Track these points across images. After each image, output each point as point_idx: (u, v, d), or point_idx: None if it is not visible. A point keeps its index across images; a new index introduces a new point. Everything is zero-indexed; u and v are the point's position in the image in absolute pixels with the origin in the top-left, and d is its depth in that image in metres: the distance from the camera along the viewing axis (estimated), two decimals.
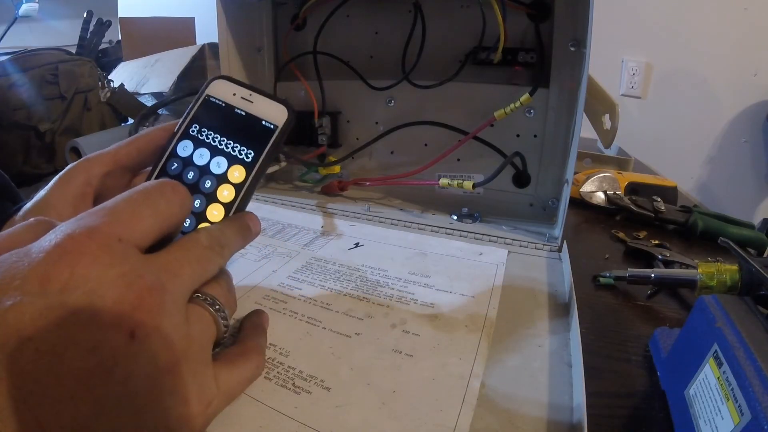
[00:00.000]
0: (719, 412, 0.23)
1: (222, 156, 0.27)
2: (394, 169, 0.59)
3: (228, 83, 0.28)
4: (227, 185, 0.27)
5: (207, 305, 0.22)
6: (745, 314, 0.26)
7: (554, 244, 0.47)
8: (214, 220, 0.26)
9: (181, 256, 0.21)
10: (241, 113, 0.28)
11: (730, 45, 1.38)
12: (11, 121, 0.71)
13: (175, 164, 0.27)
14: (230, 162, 0.27)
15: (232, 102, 0.28)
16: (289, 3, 0.63)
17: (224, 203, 0.26)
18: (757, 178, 1.50)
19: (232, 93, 0.28)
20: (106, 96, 0.79)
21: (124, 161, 0.28)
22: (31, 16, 1.27)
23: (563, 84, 0.50)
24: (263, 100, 0.28)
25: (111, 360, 0.16)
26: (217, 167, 0.27)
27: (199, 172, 0.27)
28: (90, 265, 0.17)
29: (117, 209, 0.19)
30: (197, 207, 0.26)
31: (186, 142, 0.28)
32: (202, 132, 0.28)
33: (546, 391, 0.27)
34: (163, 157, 0.28)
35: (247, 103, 0.28)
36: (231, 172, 0.27)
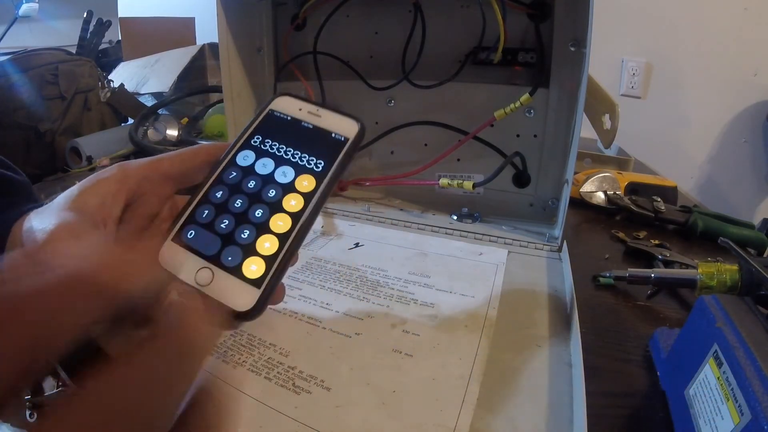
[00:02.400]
0: (719, 412, 0.23)
1: (288, 166, 0.25)
2: (394, 169, 0.59)
3: (293, 99, 0.27)
4: (295, 195, 0.24)
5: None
6: (745, 314, 0.26)
7: (554, 244, 0.47)
8: (279, 230, 0.23)
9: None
10: (309, 126, 0.26)
11: (730, 45, 1.38)
12: (11, 121, 0.71)
13: (233, 173, 0.25)
14: (298, 171, 0.25)
15: (299, 116, 0.26)
16: (289, 3, 0.63)
17: (291, 213, 0.24)
18: (757, 178, 1.50)
19: (298, 108, 0.27)
20: (106, 96, 0.79)
21: (165, 168, 0.26)
22: (31, 16, 1.27)
23: (563, 84, 0.50)
24: (331, 115, 0.26)
25: None
26: (283, 176, 0.25)
27: (262, 181, 0.25)
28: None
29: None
30: (259, 217, 0.24)
31: (247, 152, 0.25)
32: (265, 143, 0.26)
33: (546, 391, 0.27)
34: (219, 165, 0.25)
35: (314, 117, 0.26)
36: (299, 181, 0.24)
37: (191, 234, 0.24)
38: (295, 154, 0.25)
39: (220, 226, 0.24)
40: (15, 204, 0.27)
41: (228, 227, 0.24)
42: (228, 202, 0.24)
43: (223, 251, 0.23)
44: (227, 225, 0.24)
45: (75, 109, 0.80)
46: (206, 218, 0.24)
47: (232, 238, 0.23)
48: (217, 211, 0.24)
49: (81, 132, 0.79)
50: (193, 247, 0.23)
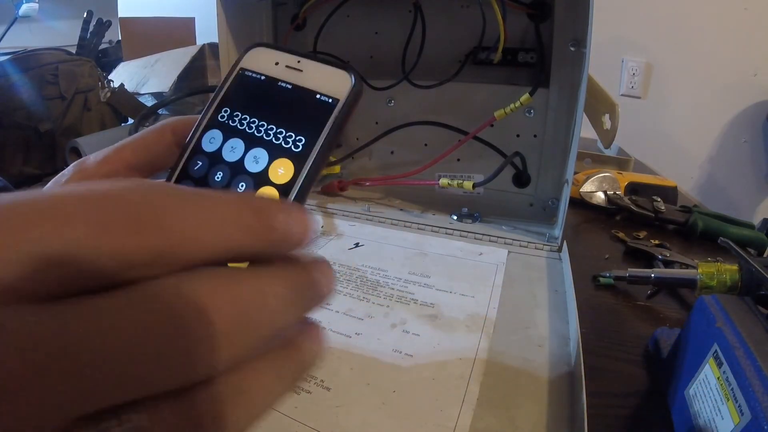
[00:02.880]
0: (719, 412, 0.23)
1: (261, 147, 0.20)
2: (394, 169, 0.59)
3: (268, 50, 0.21)
4: (269, 188, 0.19)
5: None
6: (745, 314, 0.26)
7: (554, 244, 0.47)
8: None
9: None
10: (287, 86, 0.21)
11: (730, 45, 1.38)
12: (11, 121, 0.71)
13: (199, 162, 0.21)
14: (272, 155, 0.20)
15: (275, 73, 0.21)
16: (289, 3, 0.63)
17: None
18: (757, 178, 1.50)
19: (274, 62, 0.21)
20: (106, 96, 0.79)
21: (129, 160, 0.22)
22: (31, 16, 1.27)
23: (563, 84, 0.50)
24: (316, 67, 0.21)
25: None
26: (254, 163, 0.20)
27: (230, 171, 0.20)
28: None
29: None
30: None
31: (214, 132, 0.21)
32: (234, 117, 0.21)
33: (546, 391, 0.27)
34: (184, 154, 0.21)
35: (294, 73, 0.21)
36: (273, 169, 0.19)
37: None
38: (269, 129, 0.20)
39: None
40: None
41: None
42: None
43: None
44: None
45: (75, 109, 0.80)
46: None
47: None
48: None
49: (81, 132, 0.79)
50: None
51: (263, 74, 0.21)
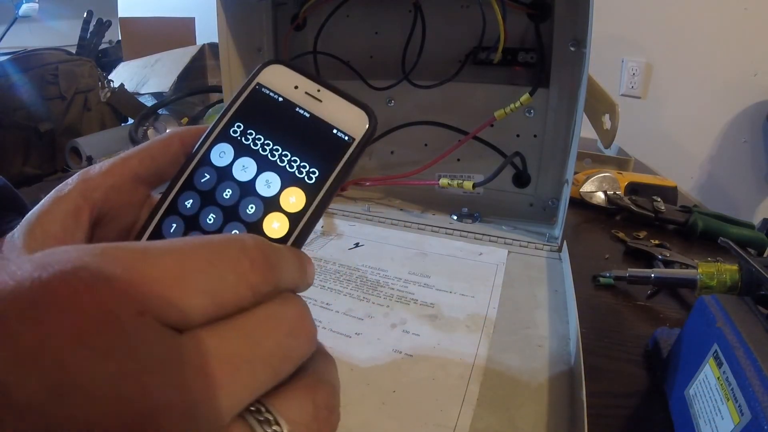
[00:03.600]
0: (719, 412, 0.23)
1: (274, 172, 0.19)
2: (394, 169, 0.59)
3: (288, 71, 0.21)
4: (279, 215, 0.19)
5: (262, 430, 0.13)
6: (745, 314, 0.26)
7: (554, 244, 0.47)
8: None
9: (240, 348, 0.13)
10: (305, 114, 0.20)
11: (730, 45, 1.38)
12: (11, 121, 0.71)
13: (206, 175, 0.20)
14: (285, 182, 0.19)
15: (294, 98, 0.20)
16: (289, 3, 0.63)
17: (273, 239, 0.19)
18: (757, 178, 1.50)
19: (294, 85, 0.20)
20: (106, 96, 0.79)
21: (135, 170, 0.21)
22: (31, 16, 1.27)
23: (563, 84, 0.50)
24: (336, 101, 0.20)
25: None
26: (266, 187, 0.19)
27: (240, 190, 0.19)
28: (70, 341, 0.10)
29: (159, 260, 0.12)
30: None
31: (224, 146, 0.20)
32: (247, 135, 0.20)
33: (546, 391, 0.27)
34: (190, 163, 0.20)
35: (313, 102, 0.20)
36: (285, 196, 0.19)
37: None
38: (284, 154, 0.20)
39: None
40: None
41: None
42: (199, 217, 0.19)
43: None
44: None
45: (75, 109, 0.80)
46: (174, 234, 0.20)
47: None
48: (187, 226, 0.19)
49: (81, 132, 0.79)
50: None
51: (281, 95, 0.20)
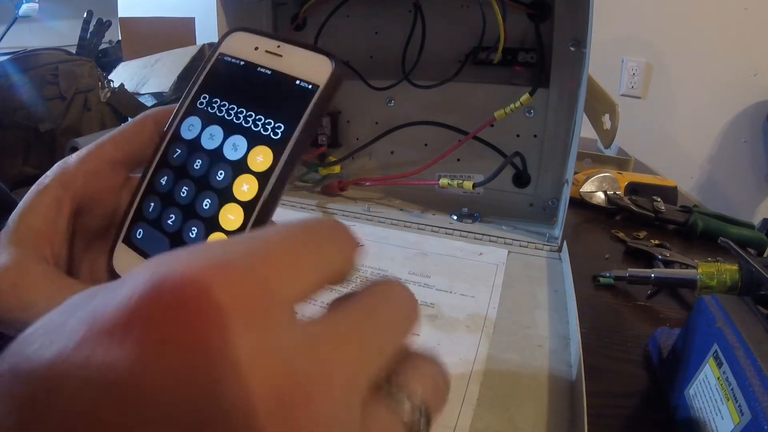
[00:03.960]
0: (719, 412, 0.23)
1: (240, 134, 0.20)
2: (394, 169, 0.59)
3: (248, 35, 0.21)
4: (248, 176, 0.19)
5: (396, 403, 0.13)
6: (745, 314, 0.26)
7: (554, 244, 0.47)
8: (230, 227, 0.19)
9: (361, 322, 0.13)
10: (266, 72, 0.20)
11: (730, 45, 1.38)
12: (11, 121, 0.71)
13: (178, 150, 0.20)
14: (251, 141, 0.19)
15: (254, 59, 0.20)
16: (289, 3, 0.63)
17: (243, 202, 0.19)
18: (757, 178, 1.50)
19: (254, 47, 0.20)
20: (106, 96, 0.79)
21: (111, 155, 0.22)
22: (31, 16, 1.27)
23: (563, 84, 0.50)
24: (297, 52, 0.20)
25: None
26: (233, 150, 0.19)
27: (209, 158, 0.20)
28: (218, 332, 0.10)
29: (272, 249, 0.12)
30: (206, 209, 0.20)
31: (192, 119, 0.20)
32: (213, 104, 0.20)
33: (546, 391, 0.27)
34: (163, 142, 0.21)
35: (274, 58, 0.20)
36: (252, 157, 0.19)
37: (140, 234, 0.21)
38: (248, 116, 0.20)
39: (167, 223, 0.20)
40: None
41: (175, 224, 0.20)
42: (173, 191, 0.20)
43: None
44: (174, 221, 0.20)
45: (75, 109, 0.80)
46: (153, 213, 0.20)
47: (179, 238, 0.20)
48: (163, 204, 0.20)
49: (81, 132, 0.79)
50: (143, 249, 0.20)
51: (242, 59, 0.20)
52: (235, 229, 0.19)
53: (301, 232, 0.14)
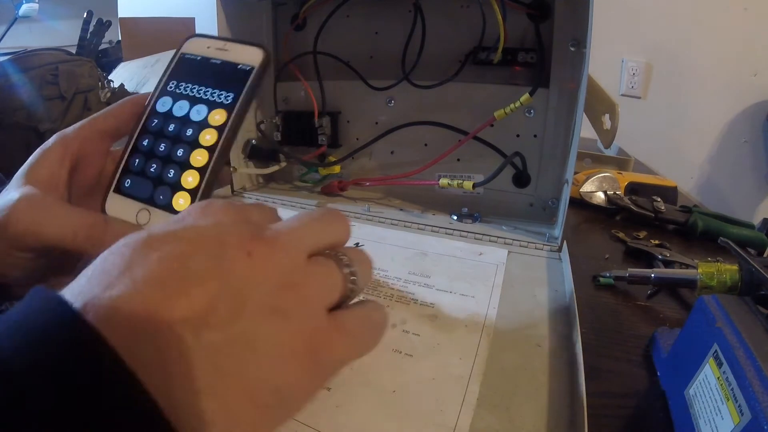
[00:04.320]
0: (719, 412, 0.23)
1: (201, 104, 0.27)
2: (394, 169, 0.59)
3: (202, 39, 0.29)
4: (209, 129, 0.27)
5: (340, 263, 0.21)
6: (745, 314, 0.26)
7: (554, 244, 0.47)
8: (198, 165, 0.26)
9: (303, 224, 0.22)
10: (217, 62, 0.28)
11: (730, 45, 1.38)
12: (11, 121, 0.71)
13: (155, 120, 0.28)
14: (210, 107, 0.27)
15: (208, 54, 0.28)
16: (289, 3, 0.63)
17: (207, 147, 0.27)
18: (757, 178, 1.50)
19: (206, 47, 0.28)
20: (106, 96, 0.79)
21: (101, 127, 0.29)
22: (31, 17, 1.27)
23: (563, 84, 0.50)
24: (238, 47, 0.28)
25: (231, 271, 0.17)
26: (197, 114, 0.27)
27: (180, 122, 0.27)
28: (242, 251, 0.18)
29: (296, 221, 0.22)
30: (180, 155, 0.27)
31: (165, 98, 0.28)
32: (180, 86, 0.28)
33: (546, 391, 0.27)
34: (143, 116, 0.28)
35: (222, 52, 0.28)
36: (212, 116, 0.27)
37: (128, 183, 0.27)
38: (206, 91, 0.27)
39: (150, 171, 0.27)
40: None
41: (156, 171, 0.27)
42: (153, 148, 0.27)
43: (155, 192, 0.27)
44: (155, 169, 0.27)
45: (75, 109, 0.80)
46: (138, 166, 0.27)
47: (161, 180, 0.27)
48: (146, 158, 0.27)
49: None
50: (131, 194, 0.27)
51: (199, 55, 0.28)
52: (201, 166, 0.26)
53: (313, 214, 0.23)
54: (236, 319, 0.16)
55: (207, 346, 0.15)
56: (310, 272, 0.20)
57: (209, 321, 0.16)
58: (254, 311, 0.17)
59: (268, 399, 0.17)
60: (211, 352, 0.15)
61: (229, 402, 0.15)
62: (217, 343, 0.16)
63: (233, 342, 0.16)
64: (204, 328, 0.16)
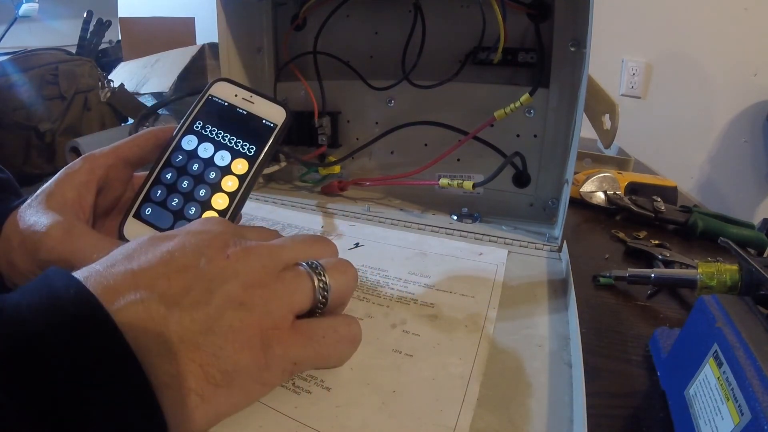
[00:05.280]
0: (719, 412, 0.23)
1: (225, 150, 0.29)
2: (394, 169, 0.59)
3: (229, 85, 0.31)
4: (231, 176, 0.29)
5: (313, 274, 0.24)
6: (745, 314, 0.26)
7: (554, 244, 0.47)
8: (219, 207, 0.28)
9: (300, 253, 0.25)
10: (243, 112, 0.30)
11: (730, 45, 1.38)
12: (11, 121, 0.71)
13: (180, 157, 0.29)
14: (233, 155, 0.29)
15: (234, 102, 0.30)
16: (289, 3, 0.63)
17: (228, 192, 0.29)
18: (757, 178, 1.50)
19: (234, 94, 0.30)
20: (106, 96, 0.79)
21: (126, 155, 0.30)
22: (31, 16, 1.27)
23: (563, 84, 0.50)
24: (263, 102, 0.30)
25: (210, 273, 0.21)
26: (222, 160, 0.29)
27: (204, 164, 0.29)
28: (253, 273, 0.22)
29: (283, 243, 0.25)
30: (202, 196, 0.29)
31: (190, 137, 0.30)
32: (206, 128, 0.30)
33: (546, 391, 0.27)
34: (168, 149, 0.30)
35: (248, 103, 0.30)
36: (234, 165, 0.29)
37: (148, 211, 0.29)
38: (231, 139, 0.29)
39: (171, 204, 0.29)
40: (3, 200, 0.31)
41: (178, 205, 0.29)
42: (177, 183, 0.29)
43: (175, 225, 0.28)
44: (177, 203, 0.29)
45: (75, 109, 0.80)
46: (160, 197, 0.29)
47: (181, 214, 0.29)
48: (168, 191, 0.29)
49: (81, 132, 0.79)
50: (150, 222, 0.29)
51: (226, 101, 0.30)
52: (222, 209, 0.29)
53: (303, 235, 0.26)
54: (204, 304, 0.20)
55: (177, 320, 0.19)
56: (281, 277, 0.22)
57: (181, 301, 0.19)
58: (222, 301, 0.20)
59: (219, 378, 0.19)
60: (178, 327, 0.19)
61: (184, 372, 0.18)
62: (185, 321, 0.19)
63: (198, 321, 0.19)
64: (176, 306, 0.19)
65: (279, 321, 0.22)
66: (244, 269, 0.21)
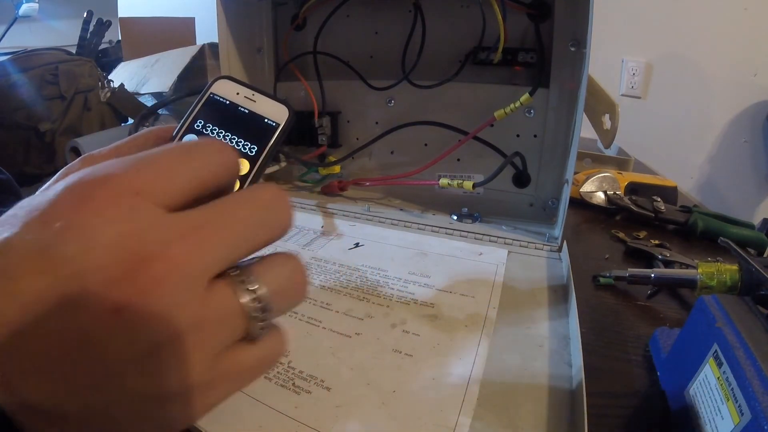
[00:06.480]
0: (719, 412, 0.23)
1: None
2: (394, 169, 0.59)
3: (231, 83, 0.30)
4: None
5: (240, 289, 0.17)
6: (745, 314, 0.26)
7: (554, 244, 0.47)
8: None
9: (215, 218, 0.17)
10: (245, 111, 0.29)
11: (730, 45, 1.38)
12: (11, 121, 0.71)
13: None
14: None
15: (236, 100, 0.29)
16: (289, 3, 0.63)
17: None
18: (757, 178, 1.49)
19: (236, 92, 0.30)
20: (106, 96, 0.79)
21: (124, 154, 0.29)
22: (31, 16, 1.27)
23: (563, 84, 0.50)
24: (265, 100, 0.29)
25: (84, 335, 0.14)
26: None
27: None
28: (89, 215, 0.15)
29: (146, 160, 0.17)
30: None
31: (190, 136, 0.29)
32: (206, 127, 0.29)
33: (546, 391, 0.27)
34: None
35: (250, 102, 0.29)
36: None
37: None
38: (232, 138, 0.29)
39: None
40: (2, 201, 0.29)
41: None
42: None
43: None
44: None
45: (75, 109, 0.80)
46: None
47: None
48: None
49: (81, 132, 0.79)
50: None
51: (228, 99, 0.29)
52: None
53: (174, 147, 0.18)
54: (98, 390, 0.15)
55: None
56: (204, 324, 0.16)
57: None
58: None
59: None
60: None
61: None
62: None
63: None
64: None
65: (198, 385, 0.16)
66: (143, 335, 0.15)
